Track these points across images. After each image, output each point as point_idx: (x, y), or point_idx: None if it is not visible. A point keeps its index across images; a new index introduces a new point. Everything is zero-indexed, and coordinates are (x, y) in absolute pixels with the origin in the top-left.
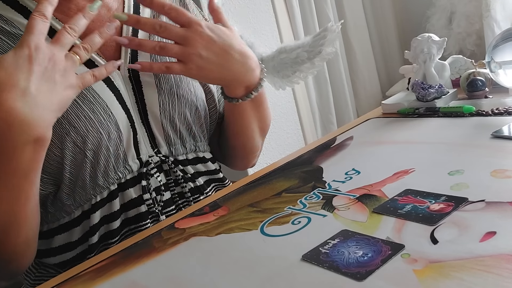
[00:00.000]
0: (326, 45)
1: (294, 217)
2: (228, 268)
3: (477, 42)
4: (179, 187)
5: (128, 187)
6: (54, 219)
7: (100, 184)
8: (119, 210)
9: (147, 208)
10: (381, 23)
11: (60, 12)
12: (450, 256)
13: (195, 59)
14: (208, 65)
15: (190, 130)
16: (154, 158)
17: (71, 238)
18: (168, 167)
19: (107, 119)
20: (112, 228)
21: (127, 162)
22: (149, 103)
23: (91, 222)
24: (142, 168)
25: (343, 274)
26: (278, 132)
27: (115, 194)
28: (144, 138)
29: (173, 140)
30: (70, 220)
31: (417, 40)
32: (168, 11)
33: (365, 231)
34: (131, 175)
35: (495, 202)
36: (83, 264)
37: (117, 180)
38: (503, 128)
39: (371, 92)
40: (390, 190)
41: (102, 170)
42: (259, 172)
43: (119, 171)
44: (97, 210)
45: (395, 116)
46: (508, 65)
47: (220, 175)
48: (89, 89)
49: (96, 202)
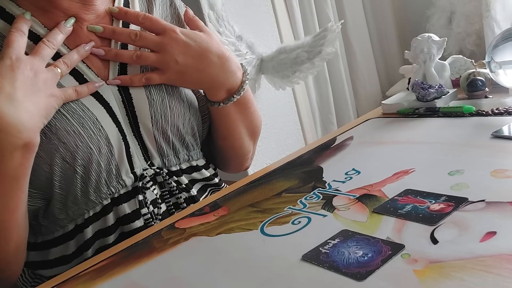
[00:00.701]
0: (326, 45)
1: (294, 217)
2: (228, 268)
3: (477, 42)
4: (174, 197)
5: (122, 202)
6: (48, 232)
7: (92, 200)
8: (114, 224)
9: (144, 223)
10: (381, 23)
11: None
12: (450, 256)
13: (172, 65)
14: (186, 70)
15: (183, 141)
16: (148, 171)
17: (67, 251)
18: (162, 179)
19: (97, 133)
20: (107, 242)
21: (120, 177)
22: (141, 115)
23: (85, 237)
24: (138, 182)
25: (343, 274)
26: (278, 132)
27: (108, 208)
28: (137, 151)
29: (166, 152)
30: (64, 233)
31: (417, 40)
32: (142, 21)
33: (365, 231)
34: (125, 190)
35: (495, 202)
36: (83, 264)
37: (110, 195)
38: (503, 128)
39: (371, 92)
40: (390, 190)
41: (94, 186)
42: (259, 172)
43: (112, 186)
44: (90, 225)
45: (395, 116)
46: (508, 65)
47: (215, 180)
48: (78, 102)
49: (89, 216)
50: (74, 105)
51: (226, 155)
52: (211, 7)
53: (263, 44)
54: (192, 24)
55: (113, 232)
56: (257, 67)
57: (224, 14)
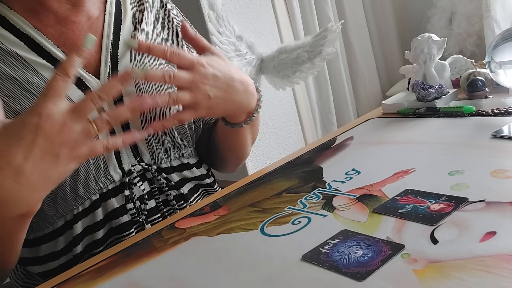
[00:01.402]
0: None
1: (294, 217)
2: (228, 268)
3: (477, 42)
4: (164, 195)
5: (110, 197)
6: (39, 228)
7: (81, 195)
8: (102, 220)
9: (131, 218)
10: (382, 23)
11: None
12: (450, 256)
13: (204, 102)
14: (216, 103)
15: (173, 139)
16: (136, 167)
17: (56, 247)
18: (151, 175)
19: None
20: (96, 238)
21: (108, 173)
22: None
23: (74, 232)
24: (125, 178)
25: (343, 274)
26: (278, 132)
27: (97, 204)
28: (126, 148)
29: (155, 148)
30: (54, 229)
31: (417, 40)
32: (170, 57)
33: (365, 231)
34: (113, 185)
35: (495, 202)
36: (83, 264)
37: (98, 190)
38: (503, 128)
39: (371, 92)
40: (390, 190)
41: (83, 181)
42: (259, 172)
43: (100, 181)
44: (79, 221)
45: (395, 116)
46: (508, 65)
47: (207, 181)
48: (67, 99)
49: (78, 212)
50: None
51: (228, 163)
52: (211, 7)
53: (263, 44)
54: (196, 43)
55: (102, 227)
56: (257, 67)
57: (224, 14)
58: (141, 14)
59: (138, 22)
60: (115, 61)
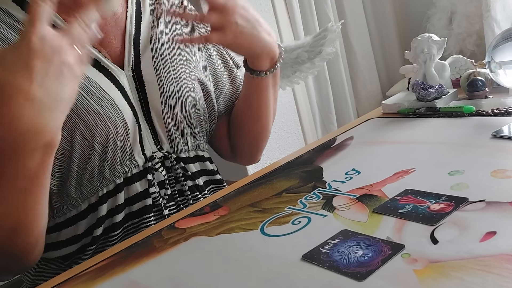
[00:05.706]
0: (326, 45)
1: (294, 217)
2: (228, 268)
3: (477, 42)
4: (179, 184)
5: (134, 181)
6: (61, 214)
7: (107, 177)
8: (123, 203)
9: (153, 201)
10: (382, 23)
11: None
12: (450, 256)
13: (232, 26)
14: (242, 33)
15: (191, 128)
16: (158, 153)
17: (77, 231)
18: (170, 164)
19: (114, 114)
20: (115, 221)
21: (133, 157)
22: (152, 101)
23: (98, 214)
24: (148, 163)
25: (343, 274)
26: (278, 132)
27: (120, 187)
28: (148, 135)
29: (175, 137)
30: (77, 213)
31: (417, 40)
32: None
33: (365, 231)
34: (137, 170)
35: (495, 202)
36: (83, 264)
37: (123, 174)
38: (503, 128)
39: (371, 92)
40: (390, 190)
41: (109, 163)
42: (259, 172)
43: (125, 165)
44: (104, 203)
45: (395, 116)
46: (508, 65)
47: (217, 177)
48: (96, 86)
49: (103, 194)
50: (93, 88)
51: (249, 141)
52: None
53: None
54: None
55: (121, 211)
56: None
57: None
58: (159, 10)
59: (156, 17)
60: (137, 55)
